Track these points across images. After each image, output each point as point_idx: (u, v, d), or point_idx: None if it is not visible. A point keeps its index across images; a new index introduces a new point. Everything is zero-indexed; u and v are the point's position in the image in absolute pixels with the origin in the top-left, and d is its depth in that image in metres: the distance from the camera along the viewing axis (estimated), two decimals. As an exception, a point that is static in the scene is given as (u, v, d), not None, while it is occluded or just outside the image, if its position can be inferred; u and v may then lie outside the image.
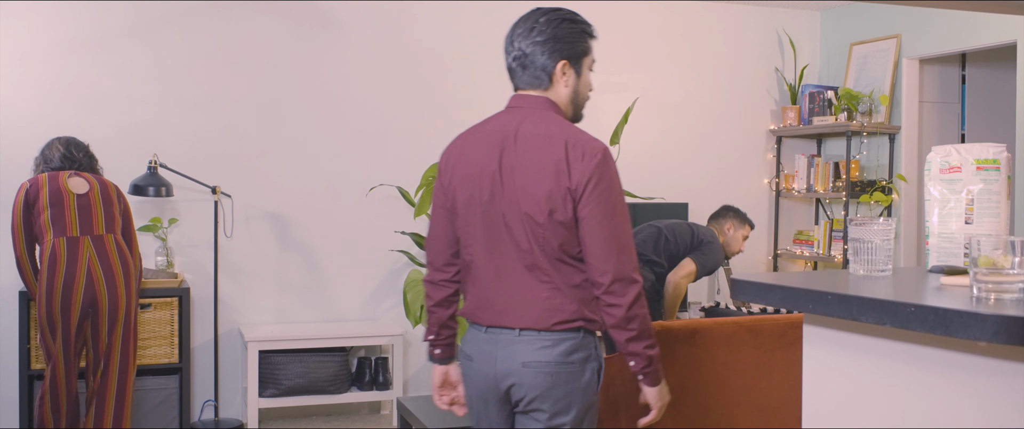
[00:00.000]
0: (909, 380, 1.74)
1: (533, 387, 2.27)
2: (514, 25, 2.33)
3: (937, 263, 2.01)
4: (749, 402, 3.67)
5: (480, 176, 2.29)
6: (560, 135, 2.23)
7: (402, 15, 5.40)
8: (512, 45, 2.32)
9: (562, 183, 2.20)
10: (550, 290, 2.26)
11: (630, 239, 2.26)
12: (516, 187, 2.24)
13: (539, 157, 2.23)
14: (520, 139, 2.26)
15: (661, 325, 3.59)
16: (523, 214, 2.24)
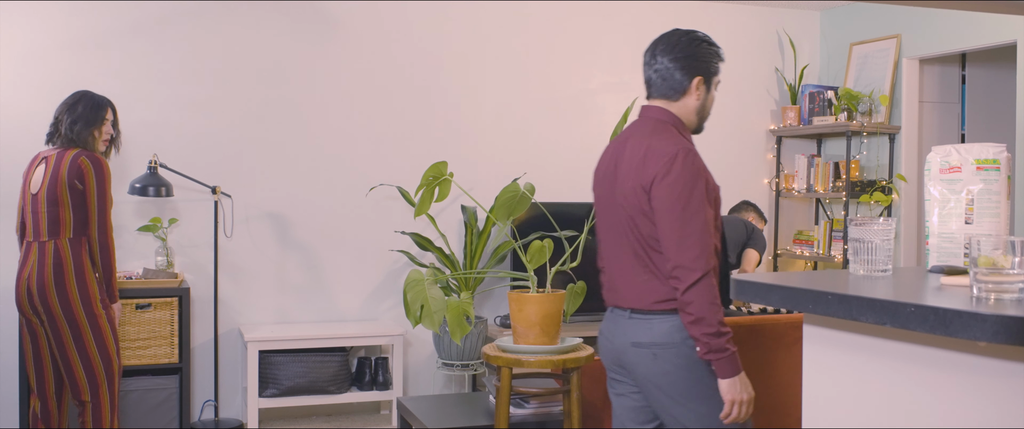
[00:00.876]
0: (909, 380, 1.74)
1: (640, 364, 2.58)
2: (656, 41, 2.63)
3: (937, 263, 2.01)
4: (749, 402, 3.67)
5: (604, 177, 2.68)
6: (648, 140, 2.56)
7: (402, 15, 5.40)
8: (655, 59, 2.62)
9: (639, 180, 2.52)
10: (647, 274, 2.56)
11: (696, 231, 2.47)
12: (619, 187, 2.59)
13: (633, 159, 2.57)
14: (628, 146, 2.62)
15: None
16: (624, 208, 2.58)
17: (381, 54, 5.37)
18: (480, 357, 5.15)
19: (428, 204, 3.61)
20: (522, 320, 3.39)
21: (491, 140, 5.59)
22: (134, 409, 4.51)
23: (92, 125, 3.92)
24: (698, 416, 2.55)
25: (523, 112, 5.66)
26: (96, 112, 3.93)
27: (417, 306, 3.42)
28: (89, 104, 3.94)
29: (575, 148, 5.74)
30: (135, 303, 4.54)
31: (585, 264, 3.55)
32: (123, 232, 4.92)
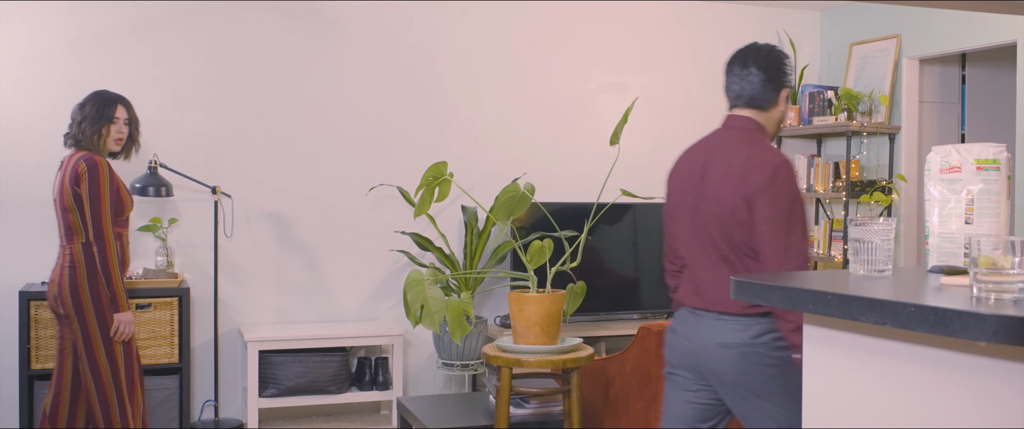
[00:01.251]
0: (909, 380, 1.74)
1: (724, 363, 2.64)
2: (745, 53, 2.76)
3: (937, 263, 2.01)
4: (749, 402, 3.67)
5: (687, 181, 2.75)
6: (746, 150, 2.66)
7: (402, 16, 5.40)
8: (746, 69, 2.74)
9: (740, 190, 2.61)
10: None
11: (797, 242, 2.58)
12: (711, 193, 2.66)
13: (730, 167, 2.65)
14: (719, 153, 2.70)
15: (661, 325, 3.59)
16: (715, 215, 2.65)
17: (381, 54, 5.37)
18: (480, 357, 5.15)
19: (428, 204, 3.61)
20: (522, 320, 3.39)
21: (491, 140, 5.59)
22: (134, 409, 4.51)
23: (99, 123, 3.87)
24: (784, 412, 2.64)
25: (523, 112, 5.66)
26: (103, 110, 3.88)
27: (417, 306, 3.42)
28: (97, 102, 3.90)
29: (575, 148, 5.74)
30: (135, 303, 4.54)
31: (585, 264, 3.55)
32: (123, 232, 4.92)
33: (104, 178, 3.78)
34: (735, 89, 2.76)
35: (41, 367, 4.43)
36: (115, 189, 3.83)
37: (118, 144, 3.94)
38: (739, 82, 2.75)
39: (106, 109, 3.89)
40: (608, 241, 5.65)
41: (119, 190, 3.86)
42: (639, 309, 5.73)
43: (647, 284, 5.74)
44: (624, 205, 5.56)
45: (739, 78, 2.75)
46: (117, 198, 3.82)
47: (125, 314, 3.81)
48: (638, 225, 5.75)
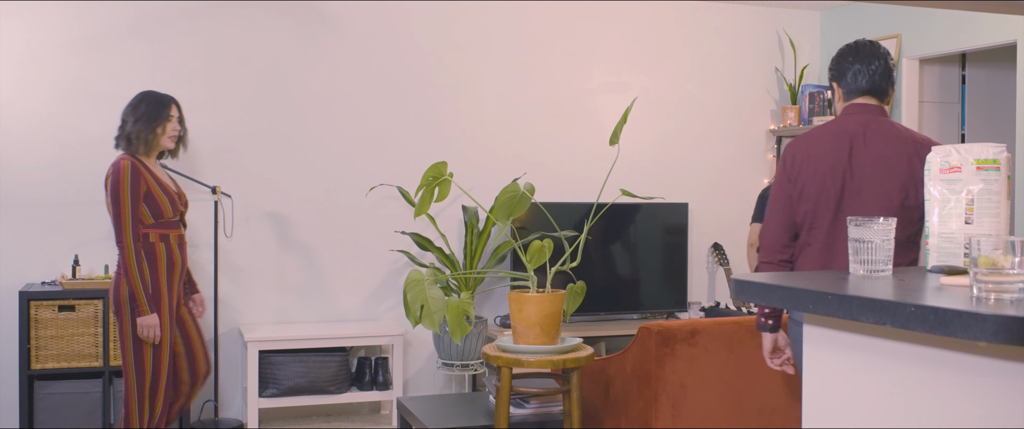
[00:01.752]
0: (909, 380, 1.74)
1: None
2: (870, 47, 2.90)
3: (937, 263, 2.01)
4: (749, 402, 3.67)
5: (831, 171, 2.79)
6: (907, 134, 2.80)
7: (401, 16, 5.40)
8: (878, 62, 2.87)
9: (916, 173, 2.73)
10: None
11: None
12: (868, 178, 2.75)
13: (894, 152, 2.75)
14: (869, 138, 2.79)
15: (661, 325, 3.59)
16: (874, 201, 2.73)
17: (381, 54, 5.37)
18: (480, 357, 5.15)
19: (428, 204, 3.61)
20: (522, 320, 3.39)
21: (491, 140, 5.59)
22: (134, 409, 4.51)
23: (155, 123, 3.92)
24: None
25: (523, 112, 5.66)
26: (159, 109, 3.94)
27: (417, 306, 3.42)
28: (152, 102, 3.95)
29: (575, 148, 5.74)
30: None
31: (585, 264, 3.55)
32: (123, 232, 4.91)
33: (125, 183, 3.78)
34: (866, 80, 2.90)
35: (41, 367, 4.43)
36: (147, 192, 3.83)
37: (172, 141, 4.00)
38: (864, 71, 2.89)
39: (162, 108, 3.95)
40: (608, 241, 5.65)
41: (154, 192, 3.85)
42: (639, 309, 5.73)
43: (647, 284, 5.74)
44: (624, 205, 5.56)
45: (865, 67, 2.89)
46: (151, 200, 3.83)
47: (146, 317, 3.79)
48: (638, 225, 5.75)
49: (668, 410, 3.56)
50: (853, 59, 2.90)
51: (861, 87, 2.88)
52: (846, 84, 2.91)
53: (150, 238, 3.85)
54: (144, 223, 3.83)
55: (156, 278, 3.84)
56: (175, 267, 3.92)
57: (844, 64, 2.91)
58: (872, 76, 2.86)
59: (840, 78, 2.92)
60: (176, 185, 4.07)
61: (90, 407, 4.47)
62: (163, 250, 3.87)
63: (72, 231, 4.84)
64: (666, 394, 3.56)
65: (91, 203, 4.87)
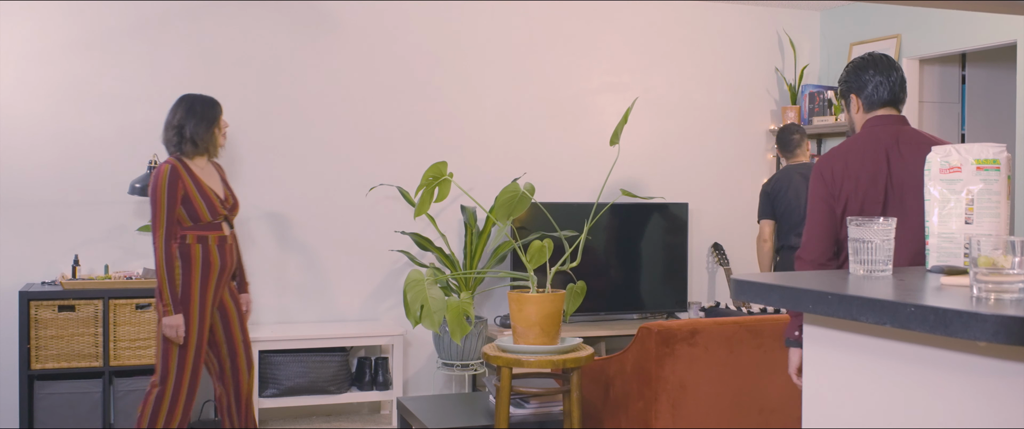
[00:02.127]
0: (909, 380, 1.74)
1: None
2: (889, 59, 2.96)
3: (937, 263, 2.01)
4: (749, 402, 3.67)
5: (873, 182, 2.85)
6: (934, 139, 2.86)
7: (402, 15, 5.40)
8: (896, 73, 2.95)
9: None
10: None
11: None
12: (908, 186, 2.81)
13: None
14: (903, 147, 2.86)
15: (661, 325, 3.59)
16: (917, 207, 2.76)
17: (381, 54, 5.37)
18: (480, 357, 5.15)
19: (428, 204, 3.61)
20: (522, 320, 3.39)
21: (491, 140, 5.59)
22: (134, 409, 4.51)
23: (213, 123, 3.99)
24: None
25: (523, 112, 5.66)
26: (213, 109, 4.01)
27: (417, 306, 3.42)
28: (206, 103, 4.01)
29: (575, 148, 5.74)
30: (135, 303, 4.54)
31: (585, 264, 3.55)
32: (123, 232, 4.92)
33: (162, 186, 3.85)
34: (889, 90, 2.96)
35: (41, 367, 4.43)
36: (185, 195, 3.87)
37: (225, 139, 4.10)
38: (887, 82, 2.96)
39: (215, 108, 4.03)
40: (608, 241, 5.65)
41: (192, 196, 3.89)
42: (639, 309, 5.73)
43: (647, 284, 5.74)
44: (624, 205, 5.56)
45: (887, 79, 2.96)
46: (189, 203, 3.88)
47: (170, 318, 3.82)
48: (638, 225, 5.75)
49: (668, 410, 3.56)
50: (874, 71, 2.95)
51: (883, 98, 2.94)
52: (867, 96, 2.96)
53: (187, 240, 3.89)
54: (182, 225, 3.89)
55: (189, 280, 3.87)
56: (212, 269, 3.93)
57: (864, 76, 2.96)
58: (892, 87, 2.94)
59: (860, 90, 2.97)
60: (226, 187, 4.09)
61: (90, 407, 4.47)
62: (199, 252, 3.90)
63: (72, 231, 4.84)
64: (666, 394, 3.56)
65: (91, 203, 4.87)
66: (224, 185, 4.09)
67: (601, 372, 3.84)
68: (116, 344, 4.51)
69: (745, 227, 6.18)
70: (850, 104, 3.02)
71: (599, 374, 3.85)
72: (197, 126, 3.95)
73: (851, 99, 3.00)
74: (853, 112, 3.01)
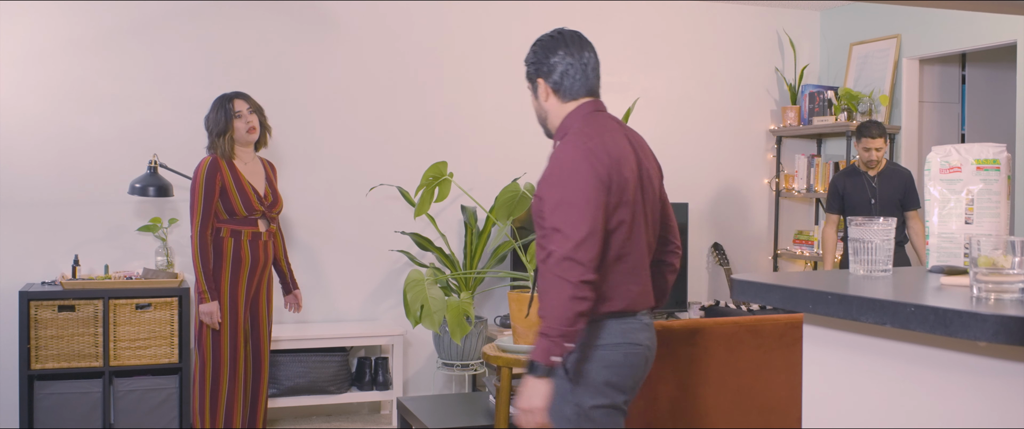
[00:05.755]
0: (909, 380, 1.74)
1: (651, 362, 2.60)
2: (582, 39, 2.54)
3: (937, 263, 2.01)
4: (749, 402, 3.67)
5: (633, 175, 2.46)
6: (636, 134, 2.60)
7: (402, 15, 5.40)
8: (591, 55, 2.55)
9: (659, 174, 2.62)
10: (653, 274, 2.60)
11: None
12: (647, 184, 2.52)
13: (647, 152, 2.59)
14: (634, 140, 2.55)
15: (661, 325, 3.59)
16: (653, 207, 2.55)
17: (381, 54, 5.37)
18: (480, 357, 5.15)
19: (428, 204, 3.62)
20: (522, 320, 3.39)
21: (491, 140, 5.59)
22: (134, 409, 4.51)
23: (225, 123, 4.06)
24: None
25: (523, 112, 5.65)
26: (220, 111, 4.08)
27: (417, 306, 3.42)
28: (216, 105, 4.11)
29: (575, 148, 5.74)
30: (135, 303, 4.54)
31: (585, 264, 3.55)
32: (123, 232, 4.92)
33: (199, 180, 3.99)
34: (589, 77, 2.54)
35: (41, 367, 4.43)
36: (223, 190, 4.00)
37: (253, 133, 4.13)
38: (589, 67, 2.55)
39: (224, 107, 4.09)
40: (608, 241, 5.65)
41: (230, 191, 4.01)
42: (639, 309, 5.72)
43: (647, 284, 5.73)
44: (624, 205, 5.56)
45: (588, 65, 2.54)
46: (226, 197, 4.00)
47: (205, 305, 3.99)
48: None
49: (668, 410, 3.56)
50: (564, 53, 2.53)
51: (576, 86, 2.53)
52: (554, 82, 2.53)
53: (221, 233, 4.04)
54: (218, 218, 4.03)
55: (219, 273, 4.02)
56: (243, 264, 4.06)
57: (553, 58, 2.53)
58: (586, 72, 2.53)
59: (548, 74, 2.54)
60: (269, 184, 4.19)
61: (90, 407, 4.47)
62: (231, 246, 4.04)
63: (72, 231, 4.84)
64: (666, 394, 3.56)
65: (91, 203, 4.87)
66: (268, 182, 4.17)
67: (601, 372, 3.84)
68: (116, 344, 4.51)
69: (745, 227, 6.18)
70: (537, 90, 2.58)
71: (599, 374, 3.85)
72: (212, 128, 4.08)
73: (539, 84, 2.56)
74: (542, 99, 2.57)
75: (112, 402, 4.52)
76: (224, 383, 4.03)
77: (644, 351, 2.50)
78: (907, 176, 5.15)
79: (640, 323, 2.50)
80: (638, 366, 2.49)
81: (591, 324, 2.42)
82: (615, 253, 2.42)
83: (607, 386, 2.43)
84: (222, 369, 4.03)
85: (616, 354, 2.43)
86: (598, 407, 2.43)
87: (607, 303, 2.43)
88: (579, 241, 2.28)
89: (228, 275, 4.03)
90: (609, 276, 2.42)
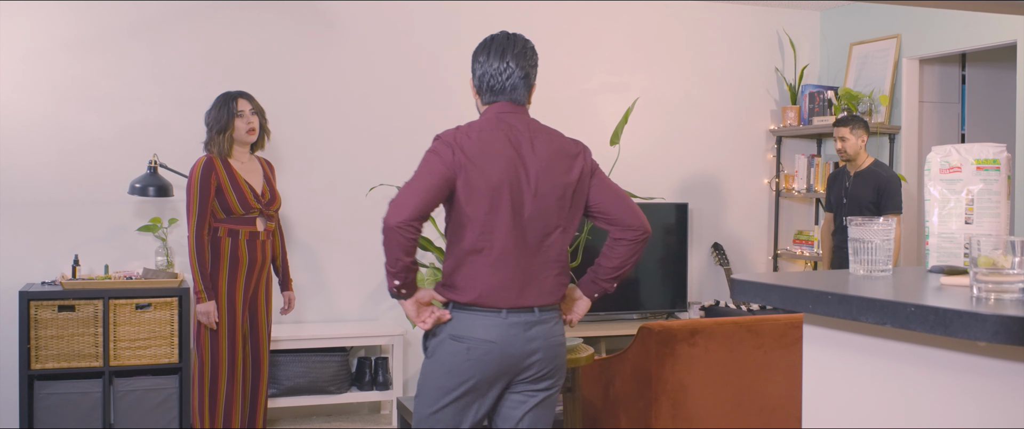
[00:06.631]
0: (909, 380, 1.74)
1: (551, 360, 2.64)
2: (503, 45, 2.70)
3: (937, 263, 2.01)
4: (749, 402, 3.67)
5: (503, 174, 2.59)
6: (557, 134, 2.74)
7: (401, 16, 5.41)
8: (505, 63, 2.69)
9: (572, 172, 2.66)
10: (559, 268, 2.67)
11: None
12: (529, 185, 2.60)
13: (560, 152, 2.67)
14: (535, 140, 2.67)
15: (661, 325, 3.59)
16: (542, 207, 2.60)
17: (381, 54, 5.37)
18: (480, 357, 5.14)
19: (428, 204, 3.61)
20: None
21: (491, 140, 5.58)
22: (134, 409, 4.51)
23: (225, 121, 4.07)
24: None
25: (523, 112, 5.66)
26: (226, 107, 4.08)
27: (417, 306, 3.42)
28: (218, 103, 4.11)
29: (575, 148, 5.74)
30: (135, 303, 4.54)
31: (585, 264, 3.55)
32: (123, 232, 4.92)
33: (194, 180, 3.98)
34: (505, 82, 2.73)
35: (41, 367, 4.43)
36: (218, 189, 4.00)
37: (252, 134, 4.13)
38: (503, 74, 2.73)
39: (227, 105, 4.08)
40: (608, 241, 5.65)
41: (226, 189, 4.00)
42: (639, 309, 5.73)
43: (647, 284, 5.74)
44: (624, 205, 5.55)
45: (500, 73, 2.73)
46: (222, 196, 4.00)
47: (202, 305, 4.00)
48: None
49: (668, 410, 3.56)
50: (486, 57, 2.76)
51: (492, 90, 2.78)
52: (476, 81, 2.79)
53: (218, 232, 4.03)
54: (216, 218, 4.03)
55: (217, 272, 4.02)
56: (240, 263, 4.06)
57: (478, 60, 2.77)
58: (501, 79, 2.77)
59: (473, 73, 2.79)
60: (267, 183, 4.18)
61: (90, 407, 4.47)
62: (228, 245, 4.03)
63: (72, 231, 4.84)
64: (666, 394, 3.56)
65: (91, 203, 4.87)
66: (265, 180, 4.16)
67: (601, 372, 3.84)
68: (116, 344, 4.51)
69: (745, 227, 6.18)
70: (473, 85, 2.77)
71: (599, 374, 3.85)
72: (211, 127, 4.08)
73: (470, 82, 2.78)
74: (473, 94, 2.81)
75: (112, 402, 4.52)
76: (223, 383, 4.03)
77: (492, 347, 2.58)
78: (884, 179, 5.01)
79: (493, 319, 2.59)
80: (487, 362, 2.58)
81: (449, 309, 2.63)
82: (470, 246, 2.59)
83: (447, 373, 2.61)
84: (221, 369, 4.03)
85: (457, 346, 2.59)
86: (441, 388, 2.62)
87: (456, 292, 2.62)
88: (397, 203, 2.54)
89: (226, 275, 4.03)
90: (463, 266, 2.61)
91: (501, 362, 2.58)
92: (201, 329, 4.04)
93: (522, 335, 2.59)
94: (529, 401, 2.66)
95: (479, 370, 2.58)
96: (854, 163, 5.13)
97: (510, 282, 2.59)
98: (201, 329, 4.04)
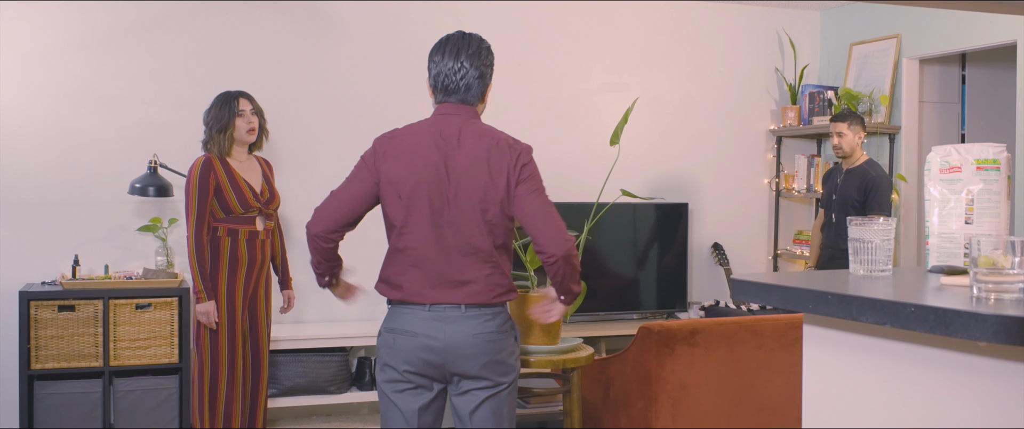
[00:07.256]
0: (909, 380, 1.74)
1: (484, 354, 2.67)
2: (457, 44, 2.71)
3: (937, 263, 2.01)
4: (749, 402, 3.67)
5: (426, 171, 2.66)
6: (493, 136, 2.73)
7: (402, 15, 5.40)
8: (459, 63, 2.70)
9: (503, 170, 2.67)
10: (491, 268, 2.68)
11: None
12: (450, 188, 2.63)
13: (488, 155, 2.66)
14: (463, 141, 2.66)
15: (661, 325, 3.59)
16: (465, 209, 2.62)
17: (381, 54, 5.37)
18: (480, 357, 5.14)
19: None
20: (522, 320, 3.39)
21: (491, 140, 5.59)
22: (134, 409, 4.51)
23: (226, 120, 4.07)
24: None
25: (523, 112, 5.66)
26: (227, 106, 4.08)
27: (417, 306, 3.42)
28: (219, 102, 4.11)
29: (575, 148, 5.74)
30: (135, 303, 4.54)
31: (585, 264, 3.55)
32: (123, 232, 4.92)
33: (193, 180, 3.98)
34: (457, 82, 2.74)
35: (41, 367, 4.43)
36: (217, 188, 4.00)
37: (252, 134, 4.14)
38: (452, 75, 2.74)
39: (229, 104, 4.09)
40: (608, 241, 5.65)
41: (224, 189, 4.00)
42: (639, 309, 5.73)
43: (647, 284, 5.74)
44: (624, 205, 5.56)
45: (453, 73, 2.73)
46: (221, 196, 4.00)
47: (202, 305, 4.00)
48: (638, 225, 5.75)
49: (668, 410, 3.56)
50: (441, 56, 2.77)
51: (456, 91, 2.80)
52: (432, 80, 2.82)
53: (218, 232, 4.03)
54: (215, 217, 4.03)
55: (216, 272, 4.02)
56: (239, 263, 4.06)
57: (433, 59, 2.80)
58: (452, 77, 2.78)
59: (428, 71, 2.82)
60: (266, 182, 4.17)
61: (90, 407, 4.47)
62: (227, 245, 4.04)
63: (72, 231, 4.84)
64: (666, 394, 3.56)
65: (91, 203, 4.87)
66: (264, 179, 4.16)
67: (601, 372, 3.84)
68: (116, 344, 4.51)
69: (745, 227, 6.18)
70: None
71: (599, 374, 3.85)
72: (211, 125, 4.08)
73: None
74: (429, 94, 2.83)
75: (112, 402, 4.52)
76: (222, 383, 4.03)
77: (421, 340, 2.67)
78: (872, 178, 4.97)
79: (418, 313, 2.68)
80: (411, 351, 2.68)
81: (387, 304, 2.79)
82: (394, 244, 2.74)
83: (385, 365, 2.74)
84: (220, 369, 4.03)
85: (388, 336, 2.74)
86: (383, 380, 2.76)
87: (388, 289, 2.77)
88: (320, 212, 2.81)
89: (225, 274, 4.03)
90: (392, 264, 2.76)
91: (427, 352, 2.66)
92: (201, 329, 4.04)
93: (447, 327, 2.66)
94: (475, 398, 2.73)
95: (404, 358, 2.68)
96: (849, 160, 5.14)
97: (433, 281, 2.67)
98: (201, 329, 4.04)
